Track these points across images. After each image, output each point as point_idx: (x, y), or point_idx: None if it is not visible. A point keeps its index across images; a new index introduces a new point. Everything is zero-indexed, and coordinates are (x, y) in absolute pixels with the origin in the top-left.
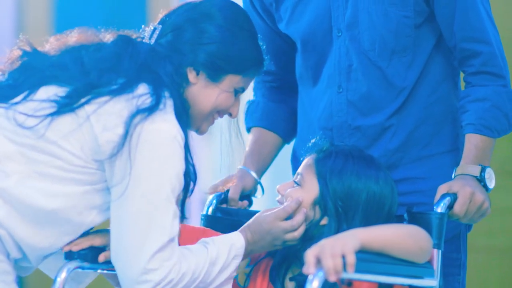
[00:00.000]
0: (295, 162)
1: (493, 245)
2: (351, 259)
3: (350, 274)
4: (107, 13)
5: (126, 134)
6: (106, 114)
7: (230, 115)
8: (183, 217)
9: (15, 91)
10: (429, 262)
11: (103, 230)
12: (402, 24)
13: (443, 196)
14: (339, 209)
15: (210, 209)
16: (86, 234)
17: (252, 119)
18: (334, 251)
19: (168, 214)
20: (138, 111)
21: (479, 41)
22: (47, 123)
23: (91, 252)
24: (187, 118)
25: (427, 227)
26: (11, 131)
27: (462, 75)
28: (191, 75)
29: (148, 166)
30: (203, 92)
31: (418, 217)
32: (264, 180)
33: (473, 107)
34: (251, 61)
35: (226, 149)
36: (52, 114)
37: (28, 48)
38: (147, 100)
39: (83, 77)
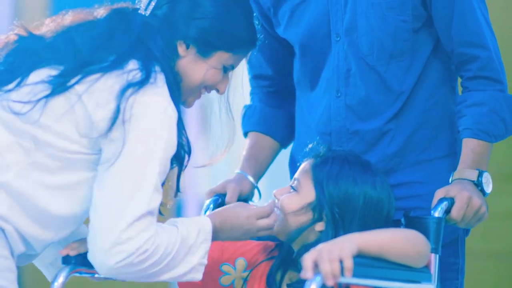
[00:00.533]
0: (293, 167)
1: (490, 249)
2: (349, 263)
3: (348, 279)
4: None
5: (118, 109)
6: (98, 91)
7: (218, 91)
8: (177, 190)
9: (11, 76)
10: (427, 266)
11: None
12: (400, 29)
13: (441, 201)
14: (336, 215)
15: (208, 213)
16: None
17: (249, 124)
18: (332, 255)
19: (151, 185)
20: (129, 85)
21: (477, 45)
22: (41, 107)
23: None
24: (179, 92)
25: (424, 231)
26: (7, 120)
27: (459, 80)
28: (181, 48)
29: (137, 137)
30: (192, 67)
31: (415, 222)
32: (261, 184)
33: (470, 112)
34: (243, 40)
35: (216, 125)
36: (46, 97)
37: (23, 33)
38: (137, 75)
39: (75, 57)
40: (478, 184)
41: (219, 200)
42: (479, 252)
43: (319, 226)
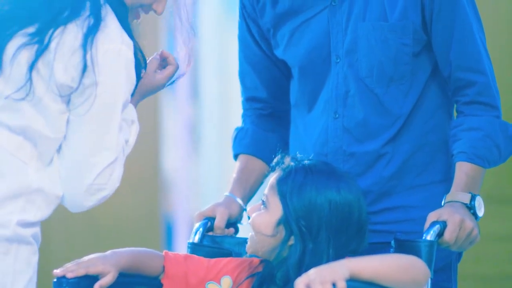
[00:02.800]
0: None
1: (481, 273)
2: (342, 285)
3: None
4: None
5: (84, 63)
6: (65, 47)
7: (156, 12)
8: (132, 95)
9: None
10: None
11: (100, 256)
12: (401, 52)
13: (433, 224)
14: (302, 229)
15: (197, 237)
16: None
17: (240, 146)
18: (324, 278)
19: (117, 127)
20: (86, 37)
21: (475, 71)
22: (29, 77)
23: (83, 281)
24: (127, 13)
25: (416, 255)
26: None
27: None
28: None
29: (103, 85)
30: None
31: (406, 245)
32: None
33: (466, 136)
34: None
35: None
36: (31, 67)
37: None
38: (91, 22)
39: (43, 11)
40: (471, 208)
41: (208, 223)
42: (471, 276)
43: (290, 241)
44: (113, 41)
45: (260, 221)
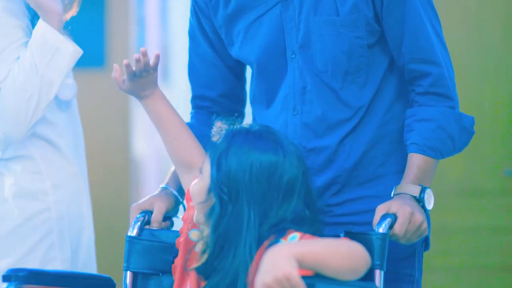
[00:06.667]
0: None
1: (449, 264)
2: (296, 280)
3: None
4: None
5: None
6: None
7: None
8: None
9: None
10: (373, 281)
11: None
12: (354, 45)
13: (384, 217)
14: (222, 194)
15: (135, 231)
16: None
17: None
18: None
19: None
20: None
21: (428, 62)
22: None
23: (30, 274)
24: None
25: (368, 247)
26: None
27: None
28: None
29: None
30: None
31: (358, 238)
32: None
33: (418, 127)
34: None
35: None
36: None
37: None
38: None
39: None
40: (420, 200)
41: (146, 217)
42: (441, 268)
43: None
44: None
45: (195, 188)
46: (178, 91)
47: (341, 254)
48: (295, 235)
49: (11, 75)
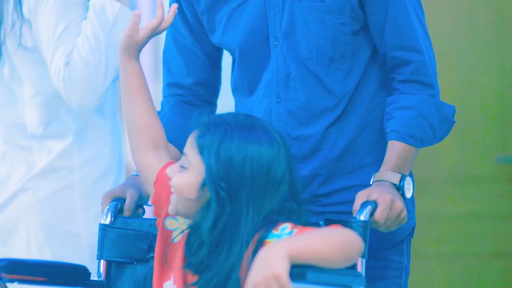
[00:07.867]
0: None
1: (442, 251)
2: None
3: None
4: None
5: None
6: None
7: None
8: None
9: None
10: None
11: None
12: (339, 32)
13: (365, 204)
14: (220, 192)
15: (108, 219)
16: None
17: None
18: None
19: None
20: None
21: (410, 49)
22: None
23: (10, 264)
24: None
25: None
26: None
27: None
28: None
29: None
30: None
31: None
32: None
33: (399, 115)
34: None
35: None
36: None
37: None
38: None
39: None
40: (399, 188)
41: (119, 205)
42: (430, 255)
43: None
44: None
45: (182, 183)
46: None
47: (338, 245)
48: (285, 226)
49: (76, 48)
